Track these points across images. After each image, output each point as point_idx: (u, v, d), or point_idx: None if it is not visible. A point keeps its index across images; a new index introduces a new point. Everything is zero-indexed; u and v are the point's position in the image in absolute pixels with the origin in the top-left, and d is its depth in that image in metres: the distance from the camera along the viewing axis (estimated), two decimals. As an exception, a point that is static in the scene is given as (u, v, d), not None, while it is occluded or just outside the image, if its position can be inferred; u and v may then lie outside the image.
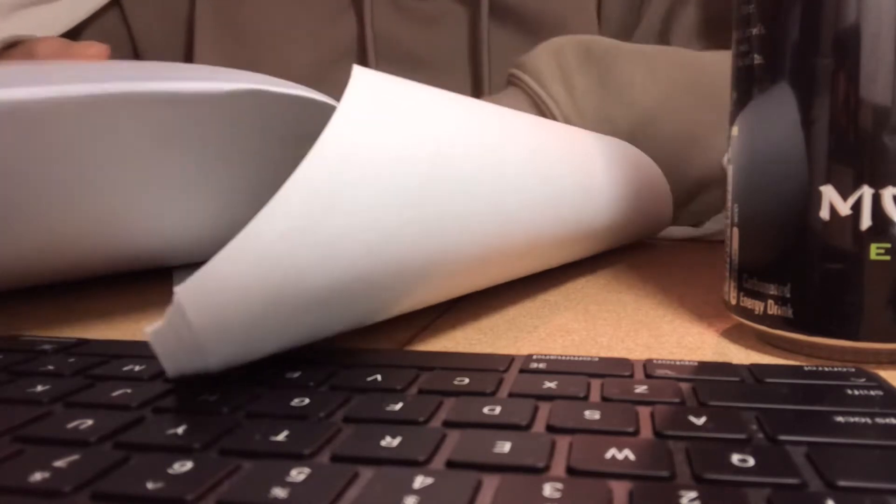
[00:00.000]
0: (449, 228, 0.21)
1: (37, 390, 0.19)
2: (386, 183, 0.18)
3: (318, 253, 0.17)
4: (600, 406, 0.17)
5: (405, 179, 0.19)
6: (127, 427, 0.17)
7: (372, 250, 0.19)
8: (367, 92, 0.18)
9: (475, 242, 0.23)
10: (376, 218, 0.18)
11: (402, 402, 0.18)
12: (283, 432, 0.16)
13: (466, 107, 0.23)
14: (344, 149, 0.17)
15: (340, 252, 0.18)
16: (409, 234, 0.20)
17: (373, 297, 0.21)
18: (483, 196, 0.22)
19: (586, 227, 0.31)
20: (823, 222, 0.21)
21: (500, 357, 0.22)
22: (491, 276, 0.26)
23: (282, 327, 0.19)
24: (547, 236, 0.28)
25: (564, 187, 0.28)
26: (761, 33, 0.22)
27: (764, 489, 0.14)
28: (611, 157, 0.34)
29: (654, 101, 0.45)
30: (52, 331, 0.27)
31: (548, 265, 0.31)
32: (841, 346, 0.21)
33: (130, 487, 0.14)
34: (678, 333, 0.26)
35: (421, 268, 0.21)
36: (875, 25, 0.20)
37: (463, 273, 0.24)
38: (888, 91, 0.20)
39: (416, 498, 0.13)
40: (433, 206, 0.20)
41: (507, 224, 0.24)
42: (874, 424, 0.16)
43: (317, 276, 0.18)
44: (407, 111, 0.20)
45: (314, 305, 0.19)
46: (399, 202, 0.19)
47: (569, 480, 0.14)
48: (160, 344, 0.16)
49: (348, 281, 0.19)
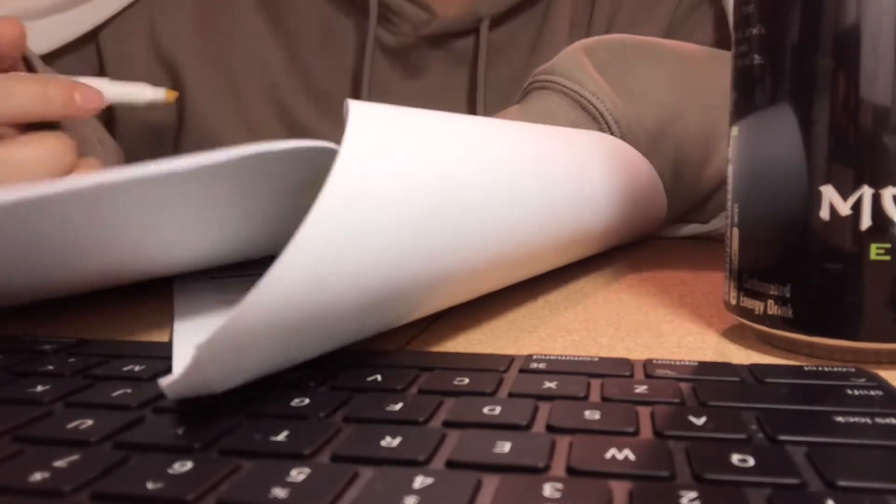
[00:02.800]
0: (456, 248, 0.21)
1: (37, 390, 0.19)
2: (395, 215, 0.19)
3: (334, 293, 0.17)
4: (600, 406, 0.17)
5: (414, 209, 0.19)
6: (127, 427, 0.17)
7: (385, 279, 0.19)
8: (366, 128, 0.18)
9: (481, 257, 0.23)
10: (387, 251, 0.18)
11: (402, 402, 0.18)
12: (283, 432, 0.16)
13: (467, 126, 0.23)
14: (351, 190, 0.17)
15: (356, 288, 0.18)
16: (419, 259, 0.20)
17: (383, 318, 0.21)
18: (489, 211, 0.23)
19: (585, 231, 0.31)
20: (823, 222, 0.21)
21: (500, 357, 0.22)
22: (492, 286, 0.27)
23: (293, 357, 0.19)
24: (549, 243, 0.28)
25: (565, 195, 0.28)
26: (761, 33, 0.22)
27: (764, 489, 0.14)
28: (608, 160, 0.34)
29: (678, 100, 0.45)
30: (52, 331, 0.27)
31: (548, 268, 0.32)
32: (841, 346, 0.21)
33: (130, 487, 0.14)
34: (678, 333, 0.26)
35: (429, 287, 0.21)
36: (875, 25, 0.20)
37: (467, 286, 0.24)
38: (888, 91, 0.20)
39: (416, 498, 0.13)
40: (441, 230, 0.20)
41: (511, 236, 0.24)
42: (874, 424, 0.16)
43: (333, 314, 0.18)
44: (408, 141, 0.20)
45: (327, 337, 0.19)
46: (409, 231, 0.19)
47: (569, 480, 0.14)
48: (173, 392, 0.16)
49: (361, 310, 0.19)
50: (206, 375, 0.16)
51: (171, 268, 0.29)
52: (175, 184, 0.22)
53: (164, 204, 0.23)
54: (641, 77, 0.45)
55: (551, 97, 0.45)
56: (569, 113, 0.44)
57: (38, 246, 0.23)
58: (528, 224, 0.25)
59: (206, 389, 0.16)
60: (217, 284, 0.33)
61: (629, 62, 0.45)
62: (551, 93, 0.45)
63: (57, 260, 0.24)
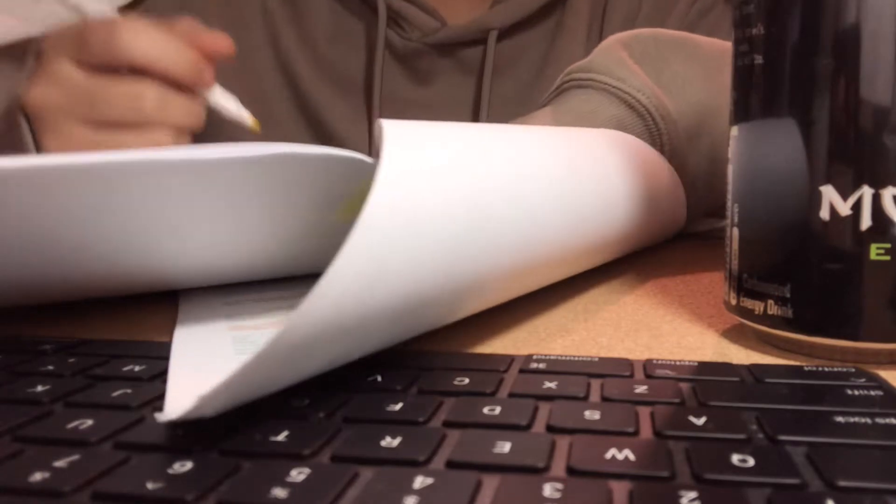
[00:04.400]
0: (487, 257, 0.21)
1: (37, 390, 0.19)
2: (430, 232, 0.18)
3: (352, 324, 0.17)
4: (600, 406, 0.17)
5: (447, 224, 0.19)
6: (127, 427, 0.17)
7: (409, 306, 0.19)
8: (402, 149, 0.18)
9: (510, 265, 0.23)
10: (417, 279, 0.18)
11: (402, 402, 0.18)
12: (283, 432, 0.16)
13: (497, 137, 0.23)
14: (386, 216, 0.17)
15: (379, 319, 0.18)
16: (446, 278, 0.20)
17: (399, 337, 0.21)
18: (518, 221, 0.23)
19: (608, 239, 0.31)
20: (823, 222, 0.21)
21: (500, 357, 0.22)
22: (517, 291, 0.27)
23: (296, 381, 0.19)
24: (575, 250, 0.28)
25: (591, 204, 0.28)
26: (761, 33, 0.22)
27: (764, 489, 0.14)
28: (631, 165, 0.33)
29: (713, 97, 0.44)
30: (52, 331, 0.27)
31: (571, 274, 0.32)
32: (841, 346, 0.21)
33: (130, 487, 0.14)
34: (678, 333, 0.26)
35: (455, 304, 0.21)
36: (875, 25, 0.20)
37: (494, 293, 0.24)
38: (888, 91, 0.20)
39: (416, 498, 0.13)
40: (473, 241, 0.20)
41: (539, 246, 0.24)
42: (874, 424, 0.16)
43: (351, 346, 0.18)
44: (443, 156, 0.20)
45: (340, 359, 0.19)
46: (442, 249, 0.19)
47: (569, 480, 0.14)
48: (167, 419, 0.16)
49: (378, 336, 0.19)
50: (204, 413, 0.16)
51: (176, 277, 0.28)
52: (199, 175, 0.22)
53: (180, 196, 0.23)
54: (678, 73, 0.44)
55: (592, 95, 0.44)
56: (612, 110, 0.43)
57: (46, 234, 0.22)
58: (555, 233, 0.25)
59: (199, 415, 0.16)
60: (223, 285, 0.33)
61: (664, 58, 0.44)
62: (592, 91, 0.44)
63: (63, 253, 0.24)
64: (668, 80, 0.44)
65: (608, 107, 0.43)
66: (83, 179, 0.21)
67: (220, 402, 0.15)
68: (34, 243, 0.23)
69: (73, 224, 0.23)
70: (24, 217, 0.22)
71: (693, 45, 0.45)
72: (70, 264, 0.25)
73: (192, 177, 0.22)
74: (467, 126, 0.23)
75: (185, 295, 0.31)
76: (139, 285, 0.28)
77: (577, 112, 0.43)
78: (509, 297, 0.27)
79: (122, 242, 0.24)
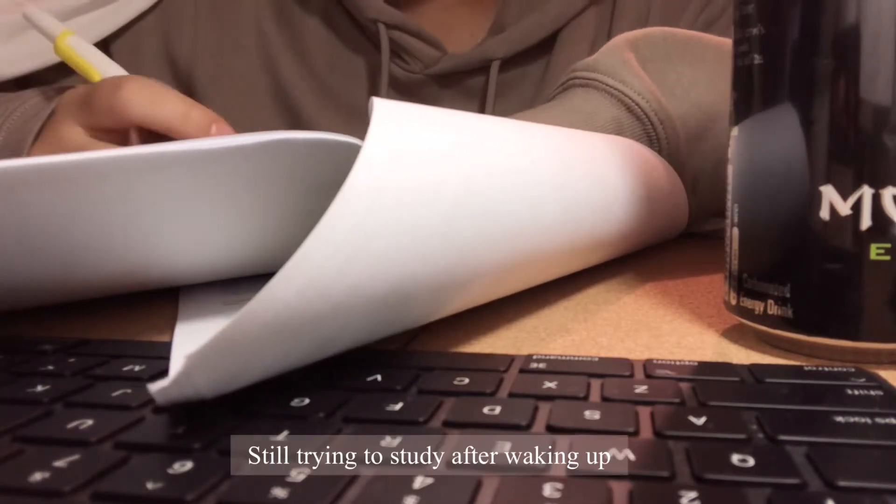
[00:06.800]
0: (475, 251, 0.21)
1: (37, 390, 0.19)
2: (415, 215, 0.18)
3: (336, 302, 0.17)
4: (600, 406, 0.17)
5: (433, 210, 0.19)
6: (127, 427, 0.17)
7: (393, 286, 0.19)
8: (390, 126, 0.18)
9: (498, 261, 0.23)
10: (400, 254, 0.18)
11: (402, 402, 0.18)
12: (283, 432, 0.16)
13: (490, 127, 0.23)
14: (371, 188, 0.17)
15: (362, 296, 0.18)
16: (432, 262, 0.19)
17: (387, 324, 0.21)
18: (508, 214, 0.22)
19: (604, 238, 0.31)
20: (823, 222, 0.21)
21: (500, 357, 0.22)
22: (507, 290, 0.27)
23: (290, 364, 0.19)
24: (567, 248, 0.28)
25: (585, 200, 0.28)
26: (761, 33, 0.22)
27: (764, 489, 0.14)
28: (630, 167, 0.33)
29: (720, 100, 0.44)
30: (52, 331, 0.27)
31: (564, 273, 0.32)
32: (841, 346, 0.21)
33: (130, 487, 0.14)
34: (678, 333, 0.26)
35: (441, 294, 0.21)
36: (875, 25, 0.20)
37: (482, 290, 0.24)
38: (888, 91, 0.20)
39: (416, 498, 0.13)
40: (459, 232, 0.20)
41: (529, 241, 0.24)
42: (874, 424, 0.16)
43: (334, 323, 0.18)
44: (431, 140, 0.19)
45: (327, 344, 0.19)
46: (427, 232, 0.19)
47: (569, 480, 0.14)
48: (163, 397, 0.16)
49: (364, 317, 0.19)
50: (196, 383, 0.16)
51: (177, 273, 0.28)
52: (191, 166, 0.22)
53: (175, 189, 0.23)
54: (684, 75, 0.44)
55: (593, 95, 0.44)
56: (612, 112, 0.43)
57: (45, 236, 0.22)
58: (547, 229, 0.25)
59: (197, 396, 0.16)
60: (224, 285, 0.33)
61: (671, 60, 0.44)
62: (593, 91, 0.44)
63: (64, 254, 0.24)
64: (674, 81, 0.44)
65: (609, 108, 0.43)
66: (81, 178, 0.21)
67: (213, 374, 0.15)
68: (32, 244, 0.23)
69: (70, 223, 0.23)
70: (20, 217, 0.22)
71: (702, 46, 0.45)
72: (69, 264, 0.24)
73: (189, 168, 0.22)
74: (463, 113, 0.23)
75: (184, 294, 0.31)
76: (141, 283, 0.28)
77: (579, 111, 0.42)
78: (500, 295, 0.26)
79: (123, 238, 0.24)
